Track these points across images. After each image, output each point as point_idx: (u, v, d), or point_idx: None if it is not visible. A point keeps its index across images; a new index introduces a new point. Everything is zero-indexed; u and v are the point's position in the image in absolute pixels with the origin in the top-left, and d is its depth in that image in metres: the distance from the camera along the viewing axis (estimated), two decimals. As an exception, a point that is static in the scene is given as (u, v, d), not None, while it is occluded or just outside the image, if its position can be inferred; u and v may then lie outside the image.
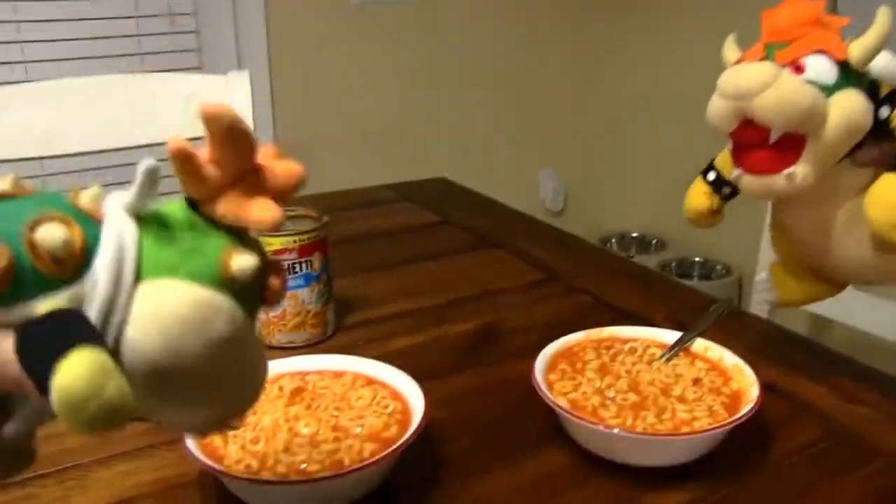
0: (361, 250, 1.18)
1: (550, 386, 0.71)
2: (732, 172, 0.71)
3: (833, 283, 0.81)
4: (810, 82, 0.62)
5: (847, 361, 0.87)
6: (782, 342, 0.91)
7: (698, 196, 0.79)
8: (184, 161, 0.40)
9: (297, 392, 0.70)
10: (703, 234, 2.85)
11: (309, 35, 2.39)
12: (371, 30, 2.48)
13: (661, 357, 0.76)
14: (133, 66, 2.18)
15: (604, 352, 0.77)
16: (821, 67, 0.63)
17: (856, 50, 0.63)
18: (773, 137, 0.63)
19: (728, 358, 0.75)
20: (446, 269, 1.12)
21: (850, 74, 0.64)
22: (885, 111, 0.64)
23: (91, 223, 0.39)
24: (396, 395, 0.69)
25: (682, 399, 0.70)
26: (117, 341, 0.37)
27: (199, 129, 0.41)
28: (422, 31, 2.56)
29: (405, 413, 0.67)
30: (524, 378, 0.72)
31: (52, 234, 0.37)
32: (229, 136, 0.41)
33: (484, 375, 0.83)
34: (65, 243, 0.37)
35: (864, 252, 0.70)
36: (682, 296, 1.04)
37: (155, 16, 2.23)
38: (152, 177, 0.40)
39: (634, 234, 2.92)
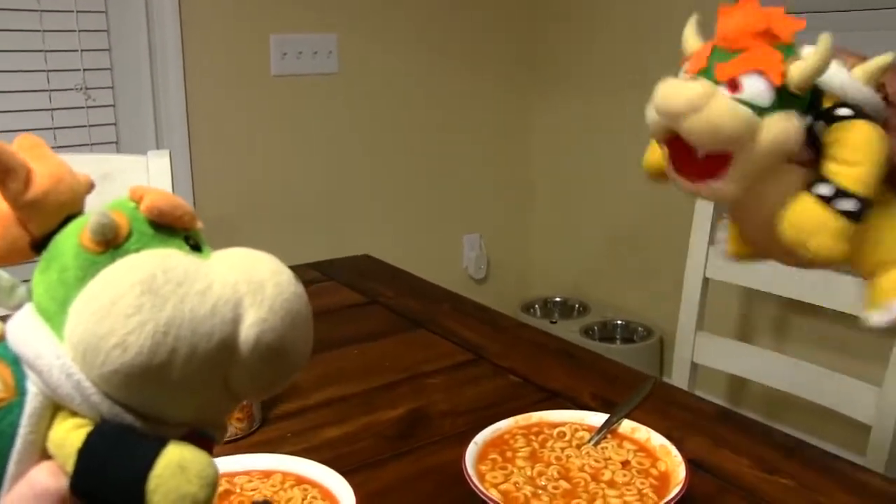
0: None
1: (482, 477, 0.71)
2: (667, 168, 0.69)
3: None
4: (744, 102, 0.62)
5: (768, 431, 0.89)
6: (706, 416, 0.93)
7: (655, 154, 0.74)
8: None
9: (226, 495, 0.69)
10: (624, 298, 2.92)
11: (229, 107, 2.39)
12: (291, 101, 2.49)
13: (589, 441, 0.77)
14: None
15: (533, 438, 0.78)
16: (757, 89, 0.62)
17: (795, 74, 0.62)
18: (701, 154, 0.63)
19: (655, 438, 0.77)
20: (372, 353, 1.11)
21: (786, 97, 0.63)
22: (819, 126, 0.64)
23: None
24: (327, 495, 0.68)
25: (612, 484, 0.70)
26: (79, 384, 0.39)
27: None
28: (342, 102, 2.58)
29: (337, 513, 0.66)
30: (454, 465, 0.72)
31: None
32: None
33: (414, 464, 0.82)
34: None
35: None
36: (608, 370, 1.05)
37: (69, 90, 2.20)
38: None
39: (557, 299, 2.96)
